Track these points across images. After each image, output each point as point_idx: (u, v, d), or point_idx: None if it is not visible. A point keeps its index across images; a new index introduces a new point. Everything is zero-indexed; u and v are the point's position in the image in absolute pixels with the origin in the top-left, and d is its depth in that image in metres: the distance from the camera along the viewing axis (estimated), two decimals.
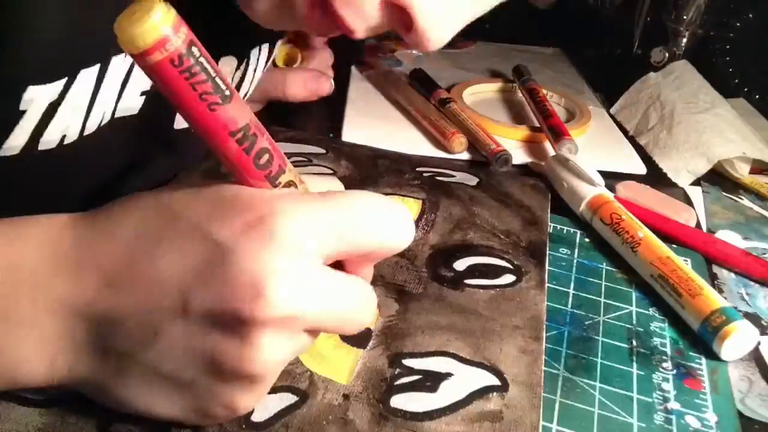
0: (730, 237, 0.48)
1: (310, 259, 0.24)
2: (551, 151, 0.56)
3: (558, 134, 0.56)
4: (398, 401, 0.29)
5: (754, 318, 0.40)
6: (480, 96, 0.69)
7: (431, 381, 0.30)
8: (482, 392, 0.30)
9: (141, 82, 0.38)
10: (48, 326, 0.25)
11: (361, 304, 0.26)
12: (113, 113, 0.37)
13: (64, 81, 0.32)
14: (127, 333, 0.24)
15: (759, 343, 0.37)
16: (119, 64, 0.35)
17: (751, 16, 0.75)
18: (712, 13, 0.73)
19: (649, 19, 0.78)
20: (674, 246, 0.46)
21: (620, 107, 0.70)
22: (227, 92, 0.23)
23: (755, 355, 0.36)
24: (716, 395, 0.33)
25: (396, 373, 0.31)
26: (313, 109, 0.63)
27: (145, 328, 0.24)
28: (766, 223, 0.52)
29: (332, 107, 0.63)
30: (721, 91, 0.66)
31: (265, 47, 0.47)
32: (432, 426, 0.28)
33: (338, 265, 0.27)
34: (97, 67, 0.33)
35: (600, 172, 0.55)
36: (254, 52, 0.46)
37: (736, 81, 0.76)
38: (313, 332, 0.26)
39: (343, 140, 0.52)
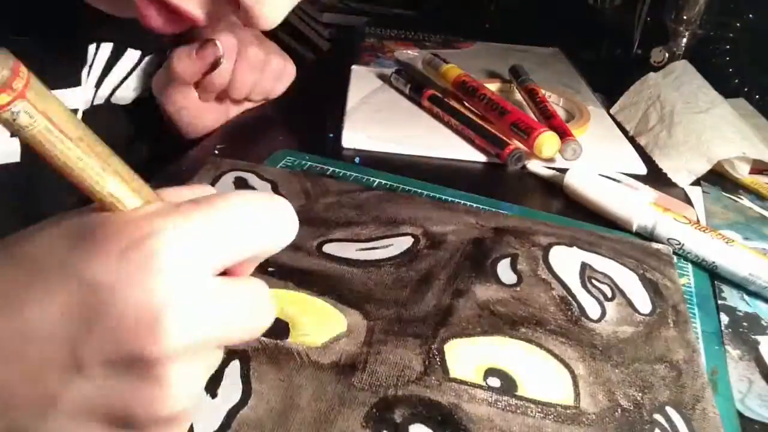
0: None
1: (200, 276, 0.22)
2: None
3: (561, 135, 0.56)
4: None
5: (754, 318, 0.40)
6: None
7: None
8: None
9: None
10: None
11: (260, 305, 0.24)
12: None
13: None
14: (21, 406, 0.21)
15: (759, 343, 0.37)
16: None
17: (751, 16, 0.75)
18: (712, 13, 0.73)
19: (649, 19, 0.78)
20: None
21: (620, 107, 0.70)
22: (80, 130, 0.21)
23: (755, 355, 0.36)
24: (716, 395, 0.33)
25: None
26: (313, 109, 0.63)
27: (39, 398, 0.21)
28: (766, 223, 0.52)
29: (332, 108, 0.63)
30: (721, 91, 0.66)
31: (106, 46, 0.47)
32: None
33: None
34: None
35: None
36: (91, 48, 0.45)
37: (736, 81, 0.76)
38: (221, 346, 0.24)
39: (689, 327, 0.37)
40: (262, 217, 0.24)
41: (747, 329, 0.39)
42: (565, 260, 0.42)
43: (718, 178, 0.58)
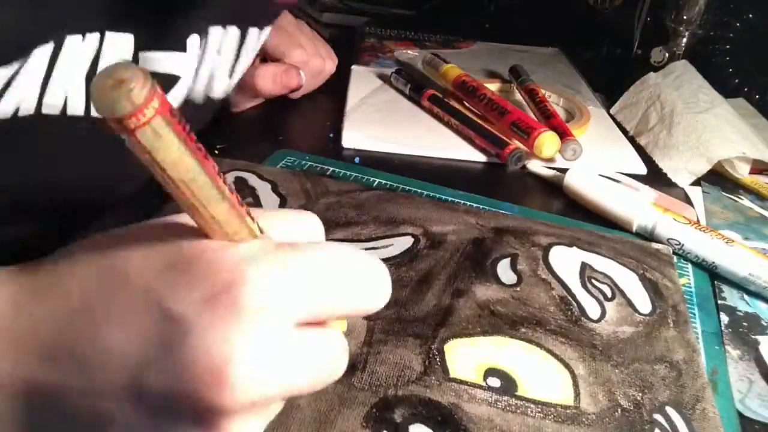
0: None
1: (281, 328, 0.21)
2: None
3: (561, 135, 0.56)
4: None
5: (754, 318, 0.40)
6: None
7: None
8: None
9: None
10: None
11: (335, 359, 0.23)
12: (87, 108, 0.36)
13: (17, 65, 0.30)
14: (70, 416, 0.21)
15: (759, 343, 0.37)
16: (76, 44, 0.34)
17: (751, 16, 0.75)
18: (712, 13, 0.73)
19: (649, 19, 0.78)
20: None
21: (620, 107, 0.70)
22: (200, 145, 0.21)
23: (755, 355, 0.36)
24: (716, 395, 0.33)
25: None
26: (313, 109, 0.63)
27: (92, 414, 0.21)
28: (766, 223, 0.52)
29: (332, 107, 0.63)
30: (721, 91, 0.66)
31: (233, 30, 0.47)
32: None
33: None
34: (51, 45, 0.32)
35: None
36: (215, 30, 0.45)
37: (736, 81, 0.76)
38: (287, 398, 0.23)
39: (690, 330, 0.37)
40: (356, 277, 0.23)
41: (747, 329, 0.39)
42: (565, 260, 0.42)
43: (718, 178, 0.58)
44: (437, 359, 0.33)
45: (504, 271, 0.40)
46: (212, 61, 0.46)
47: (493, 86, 0.70)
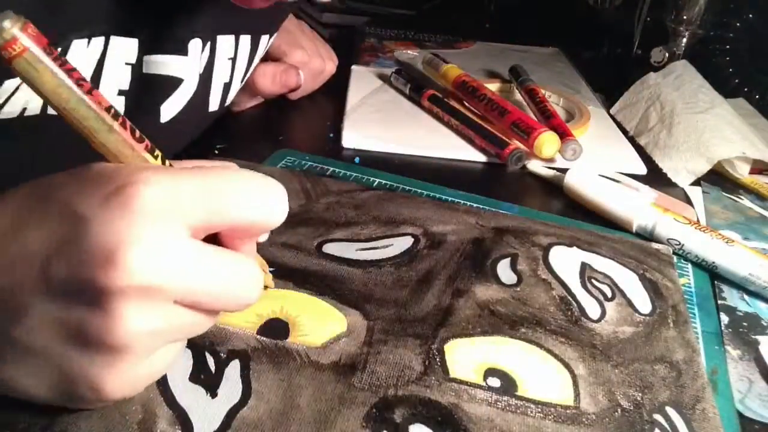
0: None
1: (172, 228, 0.24)
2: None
3: (561, 135, 0.56)
4: None
5: (754, 318, 0.40)
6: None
7: None
8: None
9: (116, 78, 0.38)
10: None
11: (239, 278, 0.26)
12: None
13: None
14: None
15: (759, 343, 0.37)
16: (81, 50, 0.35)
17: (751, 16, 0.75)
18: (712, 13, 0.73)
19: (649, 19, 0.78)
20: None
21: (620, 107, 0.70)
22: (87, 79, 0.24)
23: (755, 355, 0.36)
24: (716, 395, 0.33)
25: None
26: (313, 109, 0.63)
27: (13, 305, 0.24)
28: (766, 223, 0.52)
29: (332, 108, 0.64)
30: (721, 91, 0.66)
31: (246, 39, 0.47)
32: None
33: (216, 242, 0.26)
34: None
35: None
36: (226, 39, 0.46)
37: (736, 81, 0.76)
38: (194, 307, 0.25)
39: (690, 330, 0.37)
40: (248, 191, 0.25)
41: (747, 329, 0.39)
42: (565, 260, 0.42)
43: (718, 178, 0.58)
44: (437, 359, 0.33)
45: (504, 271, 0.40)
46: (226, 70, 0.47)
47: (493, 86, 0.70)
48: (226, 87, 0.48)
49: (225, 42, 0.46)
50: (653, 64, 0.73)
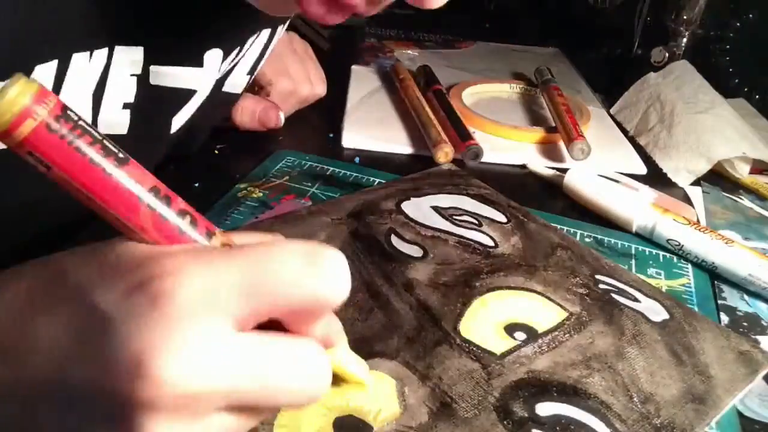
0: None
1: (213, 325, 0.20)
2: (565, 152, 0.57)
3: (570, 135, 0.56)
4: None
5: (754, 318, 0.40)
6: (477, 97, 0.69)
7: None
8: None
9: (121, 91, 0.36)
10: None
11: (299, 370, 0.21)
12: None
13: None
14: (6, 410, 0.21)
15: (759, 343, 0.37)
16: (83, 64, 0.33)
17: (751, 16, 0.75)
18: (712, 13, 0.73)
19: (649, 19, 0.78)
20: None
21: (620, 107, 0.70)
22: (122, 155, 0.20)
23: None
24: None
25: None
26: (313, 109, 0.63)
27: (22, 406, 0.21)
28: (766, 223, 0.52)
29: (332, 107, 0.63)
30: (721, 91, 0.66)
31: (265, 32, 0.47)
32: None
33: (279, 327, 0.22)
34: (54, 63, 0.31)
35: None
36: (249, 40, 0.45)
37: (736, 81, 0.76)
38: (245, 409, 0.21)
39: (536, 216, 0.46)
40: (300, 267, 0.21)
41: (747, 329, 0.39)
42: (419, 214, 0.45)
43: (718, 178, 0.58)
44: (474, 348, 0.33)
45: (403, 247, 0.41)
46: (242, 75, 0.46)
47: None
48: (227, 75, 0.47)
49: (247, 41, 0.44)
50: (653, 64, 0.73)
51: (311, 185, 0.49)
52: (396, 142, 0.57)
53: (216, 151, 0.53)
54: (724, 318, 0.39)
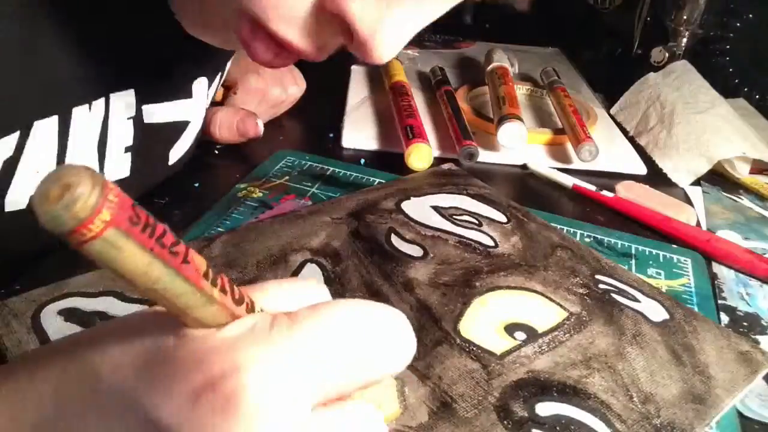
0: (730, 237, 0.48)
1: (297, 415, 0.17)
2: (572, 154, 0.57)
3: (578, 136, 0.56)
4: None
5: (754, 318, 0.40)
6: (484, 98, 0.69)
7: None
8: None
9: (121, 136, 0.37)
10: None
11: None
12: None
13: (17, 135, 0.30)
14: None
15: (759, 343, 0.37)
16: (83, 116, 0.33)
17: (751, 16, 0.75)
18: (712, 13, 0.73)
19: (649, 19, 0.78)
20: (675, 246, 0.46)
21: (620, 107, 0.70)
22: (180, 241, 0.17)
23: None
24: None
25: None
26: (313, 109, 0.63)
27: None
28: (766, 223, 0.52)
29: (332, 107, 0.63)
30: (721, 91, 0.66)
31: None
32: None
33: None
34: (55, 119, 0.32)
35: (600, 172, 0.56)
36: (228, 62, 0.46)
37: (736, 81, 0.76)
38: None
39: (536, 216, 0.46)
40: (371, 339, 0.19)
41: (747, 329, 0.39)
42: (419, 213, 0.45)
43: (718, 178, 0.58)
44: (473, 347, 0.33)
45: (403, 247, 0.41)
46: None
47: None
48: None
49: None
50: (653, 64, 0.73)
51: (311, 185, 0.49)
52: (396, 142, 0.57)
53: (216, 151, 0.53)
54: (724, 318, 0.39)
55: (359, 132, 0.58)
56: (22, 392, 0.19)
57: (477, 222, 0.45)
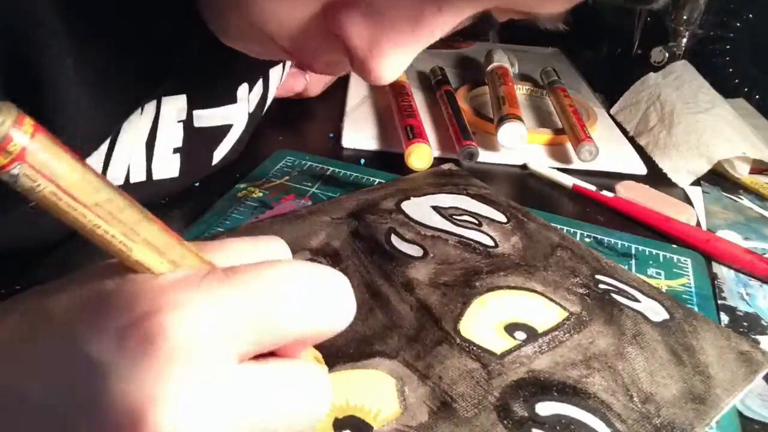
0: (730, 237, 0.48)
1: (215, 365, 0.18)
2: (572, 154, 0.57)
3: (578, 137, 0.56)
4: None
5: (754, 318, 0.40)
6: (484, 98, 0.69)
7: None
8: None
9: (170, 138, 0.38)
10: None
11: (303, 395, 0.20)
12: (149, 174, 0.38)
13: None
14: None
15: (759, 343, 0.37)
16: (135, 116, 0.35)
17: (751, 16, 0.75)
18: (712, 13, 0.73)
19: (649, 19, 0.78)
20: (675, 246, 0.46)
21: (620, 107, 0.70)
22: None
23: None
24: None
25: None
26: (313, 109, 0.63)
27: None
28: (766, 223, 0.52)
29: (332, 108, 0.63)
30: (721, 91, 0.66)
31: (277, 69, 0.49)
32: None
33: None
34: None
35: (600, 172, 0.56)
36: (272, 74, 0.48)
37: (736, 81, 0.76)
38: None
39: (536, 216, 0.46)
40: (306, 295, 0.20)
41: (747, 329, 0.39)
42: (419, 212, 0.45)
43: (718, 178, 0.58)
44: (473, 348, 0.33)
45: (403, 246, 0.41)
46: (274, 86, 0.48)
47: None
48: (263, 99, 0.49)
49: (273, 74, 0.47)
50: (653, 64, 0.73)
51: (311, 185, 0.49)
52: (396, 142, 0.57)
53: None
54: (724, 318, 0.39)
55: (359, 132, 0.58)
56: None
57: (477, 222, 0.45)
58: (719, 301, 0.41)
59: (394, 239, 0.42)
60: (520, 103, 0.63)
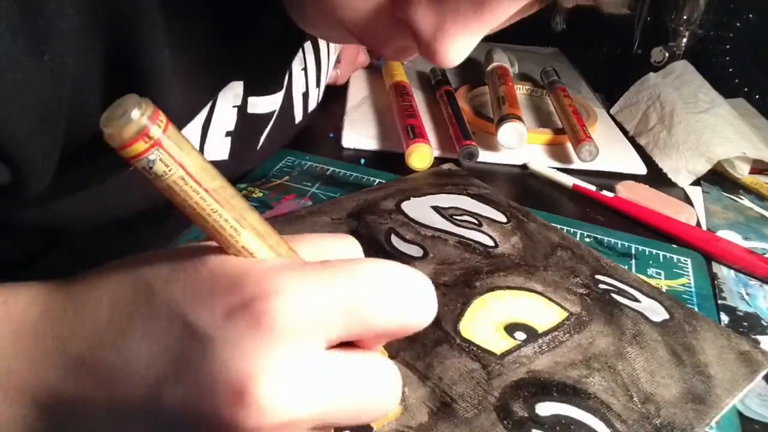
0: (730, 237, 0.48)
1: (312, 348, 0.20)
2: (572, 154, 0.57)
3: (578, 137, 0.56)
4: None
5: (754, 318, 0.40)
6: (484, 98, 0.69)
7: None
8: None
9: (224, 122, 0.39)
10: (4, 413, 0.22)
11: (380, 387, 0.21)
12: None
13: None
14: (91, 429, 0.21)
15: (759, 343, 0.37)
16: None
17: (751, 16, 0.75)
18: (712, 13, 0.73)
19: (649, 19, 0.78)
20: (675, 246, 0.46)
21: (620, 107, 0.70)
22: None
23: None
24: None
25: None
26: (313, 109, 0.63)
27: (109, 426, 0.21)
28: (766, 223, 0.52)
29: (332, 107, 0.63)
30: (721, 91, 0.66)
31: (307, 44, 0.49)
32: None
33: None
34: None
35: (600, 172, 0.56)
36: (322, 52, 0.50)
37: (736, 81, 0.76)
38: (327, 428, 0.22)
39: (536, 216, 0.46)
40: (395, 293, 0.21)
41: (747, 329, 0.39)
42: (419, 213, 0.45)
43: (718, 178, 0.58)
44: (473, 348, 0.33)
45: (403, 247, 0.41)
46: (301, 80, 0.48)
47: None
48: (305, 96, 0.49)
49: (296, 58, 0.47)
50: (653, 64, 0.73)
51: (311, 185, 0.49)
52: (396, 142, 0.57)
53: None
54: (724, 318, 0.39)
55: (359, 132, 0.58)
56: (82, 301, 0.22)
57: (477, 222, 0.45)
58: (719, 301, 0.41)
59: (394, 239, 0.42)
60: (520, 103, 0.63)
